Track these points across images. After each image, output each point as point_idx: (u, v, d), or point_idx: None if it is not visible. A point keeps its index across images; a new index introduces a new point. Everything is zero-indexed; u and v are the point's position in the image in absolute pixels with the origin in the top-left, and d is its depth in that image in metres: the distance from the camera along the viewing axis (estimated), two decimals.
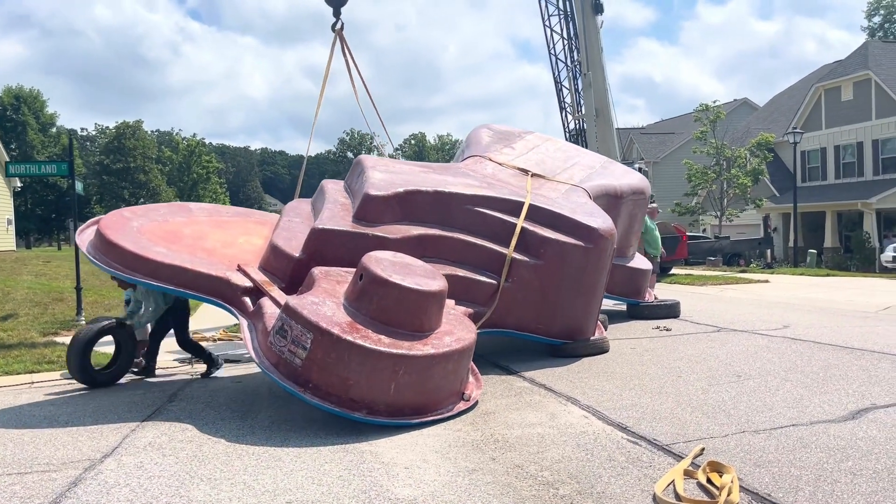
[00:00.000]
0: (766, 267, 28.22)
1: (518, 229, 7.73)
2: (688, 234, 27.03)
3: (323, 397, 5.64)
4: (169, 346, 10.20)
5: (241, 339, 11.73)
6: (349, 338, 5.52)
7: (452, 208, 7.79)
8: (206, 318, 14.99)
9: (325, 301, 5.97)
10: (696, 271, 25.17)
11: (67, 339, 11.19)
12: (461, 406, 6.20)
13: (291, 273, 7.07)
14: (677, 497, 4.05)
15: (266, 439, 5.70)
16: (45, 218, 54.30)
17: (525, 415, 6.18)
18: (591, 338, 8.55)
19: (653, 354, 8.50)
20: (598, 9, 21.25)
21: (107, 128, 75.73)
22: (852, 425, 5.32)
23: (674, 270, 23.20)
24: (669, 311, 11.64)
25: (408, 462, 4.95)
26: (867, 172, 33.21)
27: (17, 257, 26.92)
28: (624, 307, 12.03)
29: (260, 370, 8.91)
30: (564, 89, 24.47)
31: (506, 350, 9.24)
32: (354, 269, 6.64)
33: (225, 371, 8.99)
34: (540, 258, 7.73)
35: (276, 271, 7.17)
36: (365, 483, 4.54)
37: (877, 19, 60.07)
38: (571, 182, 9.17)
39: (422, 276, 6.12)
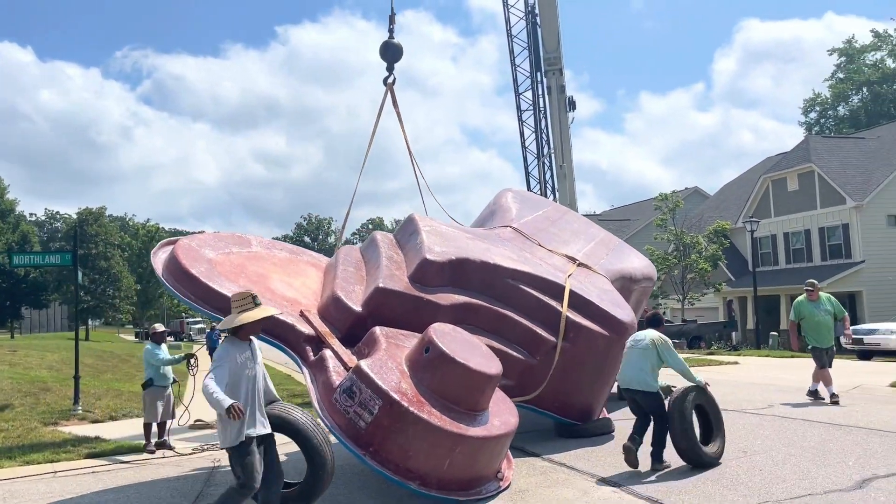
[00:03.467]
0: (732, 349, 29.18)
1: (563, 320, 8.10)
2: None
3: (381, 463, 5.90)
4: (177, 432, 10.32)
5: None
6: (416, 411, 5.84)
7: (495, 280, 8.15)
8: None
9: (393, 367, 6.26)
10: None
11: (71, 428, 11.19)
12: (501, 484, 6.58)
13: (350, 326, 7.31)
14: None
15: None
16: None
17: (558, 491, 6.59)
18: (599, 419, 9.04)
19: None
20: (572, 106, 22.62)
21: (57, 213, 74.98)
22: (861, 493, 5.88)
23: None
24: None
25: None
26: (815, 258, 35.00)
27: None
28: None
29: (294, 445, 9.11)
30: (532, 180, 25.60)
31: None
32: (410, 333, 7.01)
33: None
34: (567, 341, 8.18)
35: (334, 321, 7.37)
36: None
37: (813, 115, 64.39)
38: (596, 264, 9.68)
39: (481, 356, 6.53)
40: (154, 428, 9.68)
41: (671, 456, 7.09)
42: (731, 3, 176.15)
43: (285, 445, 6.28)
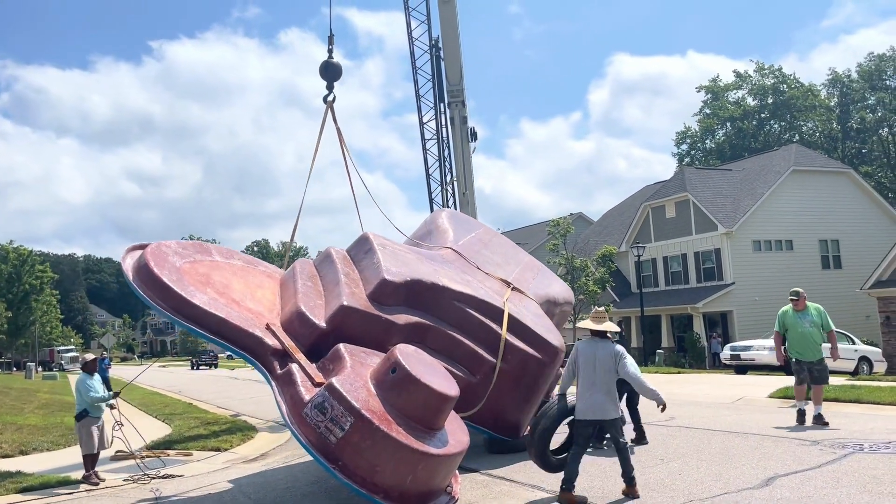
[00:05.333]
0: None
1: (503, 342, 8.65)
2: None
3: (349, 476, 6.22)
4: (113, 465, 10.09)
5: (168, 456, 11.77)
6: (385, 429, 6.20)
7: (443, 301, 8.61)
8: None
9: (360, 386, 6.58)
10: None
11: None
12: (453, 499, 7.06)
13: (314, 341, 7.56)
14: None
15: None
16: None
17: (506, 502, 7.15)
18: (526, 435, 9.68)
19: None
20: (474, 137, 23.57)
21: None
22: (769, 490, 6.79)
23: None
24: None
25: None
26: (692, 280, 37.73)
27: None
28: None
29: (228, 481, 9.19)
30: (436, 206, 26.36)
31: None
32: (371, 350, 7.38)
33: (181, 487, 9.14)
34: (505, 362, 8.74)
35: (298, 336, 7.58)
36: None
37: (684, 147, 69.34)
38: (527, 289, 10.32)
39: (442, 377, 6.97)
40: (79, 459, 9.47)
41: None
42: (603, 36, 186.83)
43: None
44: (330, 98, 13.24)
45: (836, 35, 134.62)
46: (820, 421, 10.12)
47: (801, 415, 10.40)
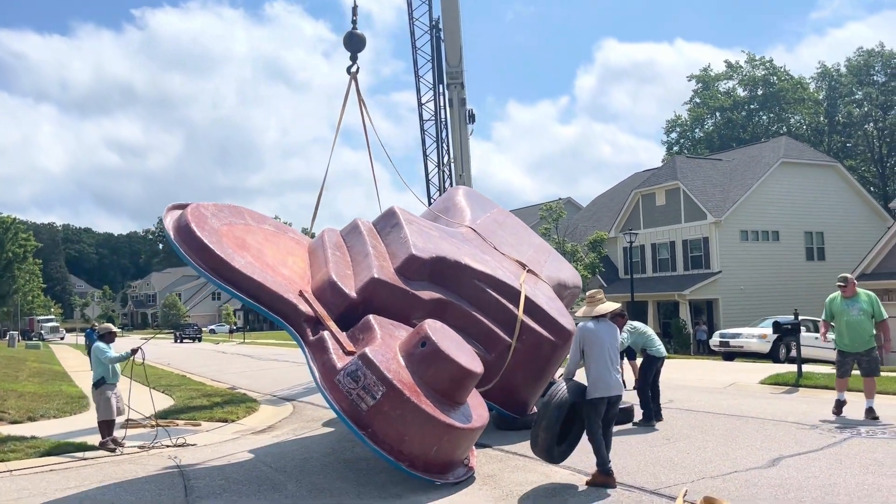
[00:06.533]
0: None
1: (519, 323, 8.85)
2: None
3: (377, 443, 6.48)
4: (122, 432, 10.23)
5: (177, 426, 11.92)
6: (416, 401, 6.44)
7: (463, 279, 8.82)
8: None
9: (391, 357, 6.79)
10: None
11: None
12: (471, 470, 7.31)
13: (344, 310, 7.75)
14: None
15: None
16: None
17: (522, 476, 7.40)
18: (533, 413, 9.95)
19: None
20: (472, 119, 23.69)
21: None
22: (777, 470, 7.10)
23: None
24: None
25: None
26: (679, 268, 38.25)
27: None
28: None
29: (257, 445, 9.36)
30: (433, 187, 26.53)
31: None
32: (398, 323, 7.58)
33: (198, 455, 9.31)
34: (519, 342, 8.96)
35: (329, 305, 7.76)
36: None
37: (674, 135, 69.76)
38: (540, 271, 10.55)
39: (467, 354, 7.19)
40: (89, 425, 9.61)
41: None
42: (592, 21, 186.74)
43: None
44: (353, 69, 13.28)
45: (823, 27, 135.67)
46: (871, 415, 9.62)
47: (838, 405, 9.91)
